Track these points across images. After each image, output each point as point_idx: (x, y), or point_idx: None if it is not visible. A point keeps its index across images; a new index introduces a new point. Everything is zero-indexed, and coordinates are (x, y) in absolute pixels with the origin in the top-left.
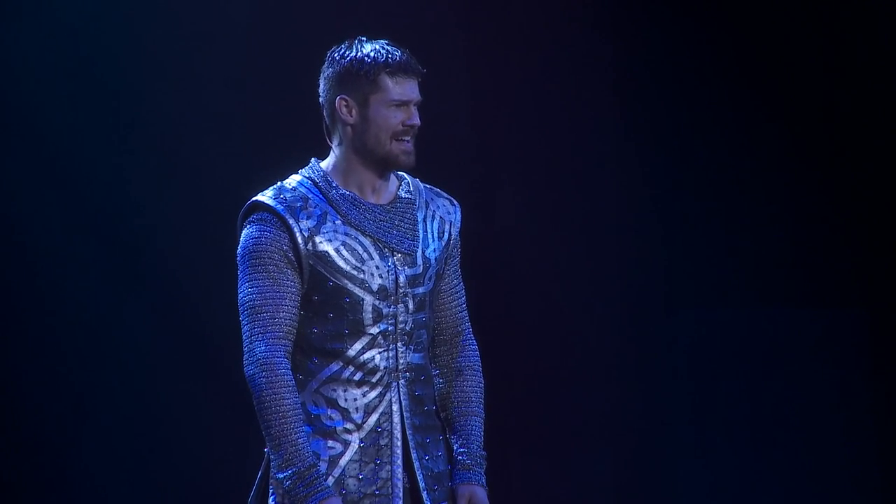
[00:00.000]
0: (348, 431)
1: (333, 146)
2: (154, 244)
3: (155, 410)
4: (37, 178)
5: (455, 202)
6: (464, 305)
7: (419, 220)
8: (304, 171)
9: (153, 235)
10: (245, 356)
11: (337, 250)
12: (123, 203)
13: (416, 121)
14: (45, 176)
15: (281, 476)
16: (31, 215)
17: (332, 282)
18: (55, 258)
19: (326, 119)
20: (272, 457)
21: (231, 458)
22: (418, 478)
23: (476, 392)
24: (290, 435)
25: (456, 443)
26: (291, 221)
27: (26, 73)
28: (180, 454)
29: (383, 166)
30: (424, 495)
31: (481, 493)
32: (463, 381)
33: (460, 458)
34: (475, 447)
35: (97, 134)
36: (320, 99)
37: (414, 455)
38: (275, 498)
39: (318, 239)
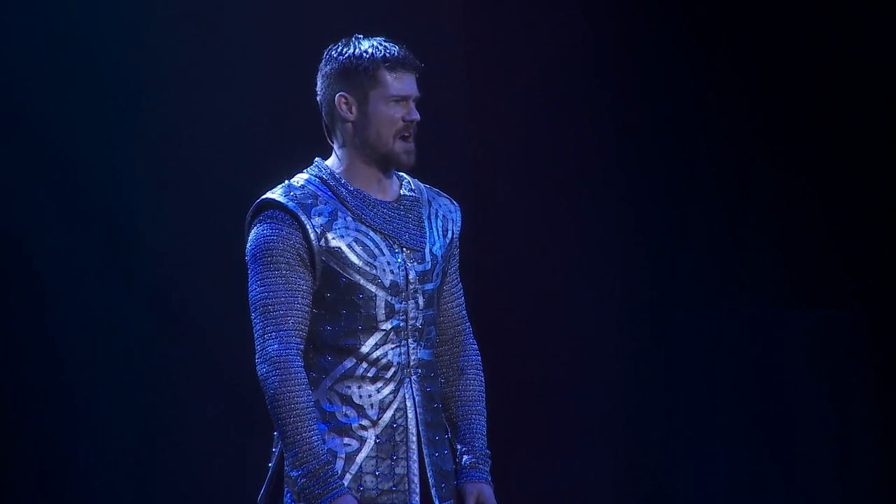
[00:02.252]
0: (364, 428)
1: (335, 146)
2: (153, 246)
3: (153, 412)
4: (34, 179)
5: (455, 203)
6: (463, 305)
7: (424, 217)
8: (311, 170)
9: (152, 237)
10: (257, 355)
11: (349, 246)
12: (122, 205)
13: (416, 116)
14: (43, 176)
15: (295, 474)
16: (30, 216)
17: (345, 278)
18: (53, 259)
19: (325, 118)
20: (286, 455)
21: (230, 459)
22: (428, 474)
23: (479, 391)
24: (305, 433)
25: (460, 442)
26: (304, 218)
27: (26, 72)
28: (179, 456)
29: (385, 163)
30: (433, 492)
31: (488, 490)
32: (466, 381)
33: (466, 456)
34: (480, 445)
35: (96, 135)
36: (318, 98)
37: (426, 451)
38: (290, 496)
39: (330, 235)
